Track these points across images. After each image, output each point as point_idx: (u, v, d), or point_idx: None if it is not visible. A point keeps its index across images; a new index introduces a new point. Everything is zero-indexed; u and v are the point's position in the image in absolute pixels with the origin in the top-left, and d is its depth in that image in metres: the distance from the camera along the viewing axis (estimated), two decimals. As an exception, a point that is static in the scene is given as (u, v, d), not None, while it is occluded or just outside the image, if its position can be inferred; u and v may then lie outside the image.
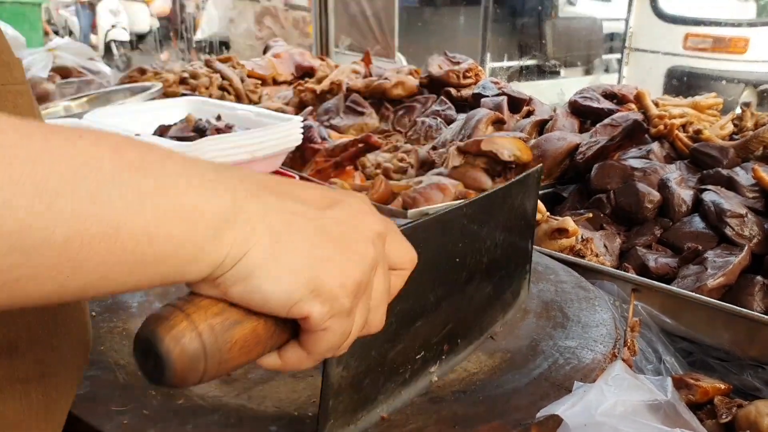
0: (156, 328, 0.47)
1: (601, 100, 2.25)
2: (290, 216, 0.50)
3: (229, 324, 0.49)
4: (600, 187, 1.80)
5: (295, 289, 0.49)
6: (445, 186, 1.77)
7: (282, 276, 0.49)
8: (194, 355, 0.47)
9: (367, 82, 2.77)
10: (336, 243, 0.52)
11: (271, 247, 0.48)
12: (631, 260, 1.63)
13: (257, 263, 0.48)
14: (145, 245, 0.44)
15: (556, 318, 1.13)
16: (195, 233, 0.46)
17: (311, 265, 0.50)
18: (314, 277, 0.50)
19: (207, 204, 0.46)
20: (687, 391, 1.17)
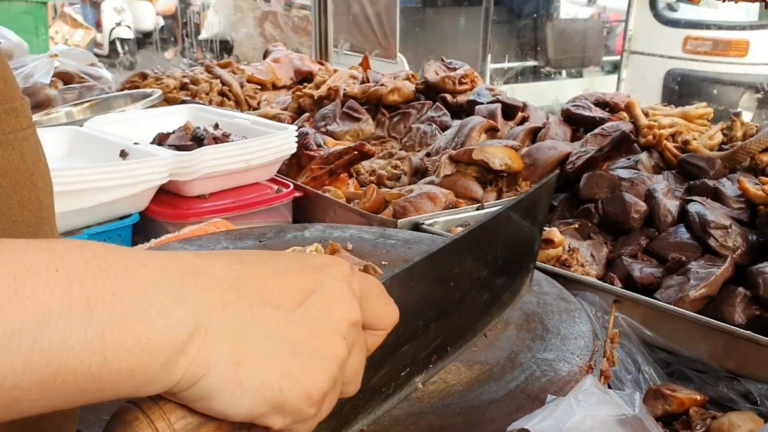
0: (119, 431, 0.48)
1: (593, 108, 2.29)
2: (255, 328, 0.49)
3: (193, 426, 0.50)
4: (588, 197, 1.83)
5: (256, 407, 0.49)
6: (436, 195, 1.81)
7: (243, 397, 0.48)
8: None
9: (363, 88, 2.80)
10: (303, 352, 0.51)
11: (232, 368, 0.47)
12: (616, 269, 1.66)
13: (216, 386, 0.47)
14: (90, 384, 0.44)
15: (536, 330, 1.17)
16: (150, 364, 0.45)
17: (272, 382, 0.49)
18: (277, 395, 0.49)
19: (167, 334, 0.45)
20: (663, 402, 1.21)
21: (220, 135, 1.92)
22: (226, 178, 1.83)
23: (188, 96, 2.80)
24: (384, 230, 1.60)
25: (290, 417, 0.50)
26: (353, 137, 2.63)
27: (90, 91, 2.69)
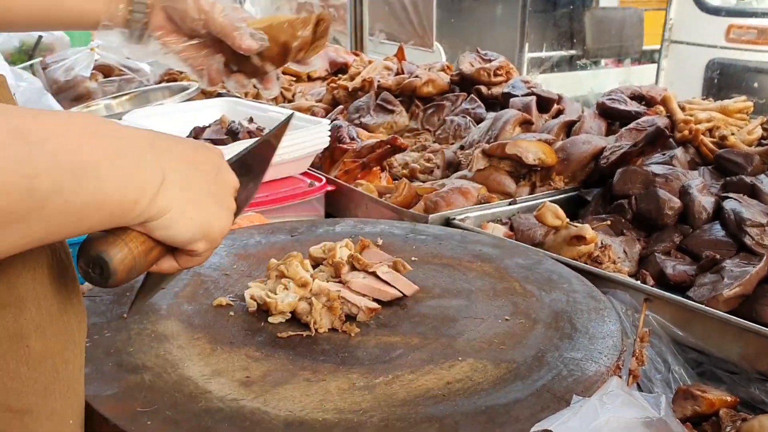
0: (107, 249, 0.70)
1: (629, 102, 2.26)
2: (194, 184, 0.72)
3: (148, 249, 0.73)
4: (622, 193, 1.82)
5: (195, 235, 0.73)
6: (467, 190, 1.81)
7: (188, 227, 0.72)
8: (129, 270, 0.72)
9: (398, 80, 2.81)
10: (219, 201, 0.77)
11: (184, 208, 0.70)
12: (649, 267, 1.65)
13: (174, 219, 0.70)
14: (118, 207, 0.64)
15: (564, 329, 1.17)
16: (144, 199, 0.66)
17: (206, 219, 0.74)
18: (206, 228, 0.74)
19: (150, 181, 0.66)
20: (693, 402, 1.20)
21: (254, 129, 1.94)
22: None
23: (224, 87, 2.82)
24: (414, 225, 1.61)
25: (209, 244, 0.76)
26: (387, 129, 2.64)
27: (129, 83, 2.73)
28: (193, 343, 1.11)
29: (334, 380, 1.02)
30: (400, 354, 1.09)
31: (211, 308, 1.22)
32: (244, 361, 1.06)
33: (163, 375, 1.01)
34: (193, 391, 0.98)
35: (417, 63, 3.23)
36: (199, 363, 1.05)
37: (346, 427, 0.90)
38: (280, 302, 1.14)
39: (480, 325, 1.18)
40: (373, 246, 1.37)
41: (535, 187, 1.97)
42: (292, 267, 1.18)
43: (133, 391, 0.97)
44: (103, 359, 1.05)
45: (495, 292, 1.30)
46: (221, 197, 0.77)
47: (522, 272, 1.38)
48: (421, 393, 0.98)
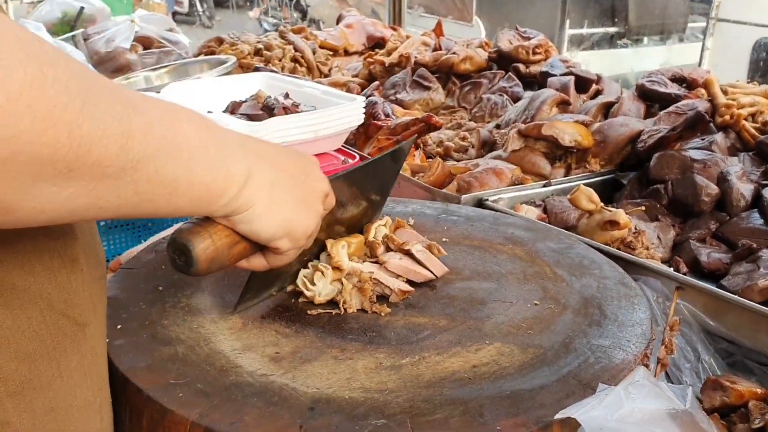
0: (191, 238, 0.76)
1: (669, 84, 2.22)
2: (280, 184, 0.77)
3: (231, 243, 0.79)
4: (658, 177, 1.80)
5: (277, 232, 0.79)
6: (502, 170, 1.80)
7: (271, 224, 0.78)
8: (211, 260, 0.77)
9: (435, 56, 2.79)
10: (303, 204, 0.82)
11: (268, 205, 0.76)
12: (683, 253, 1.64)
13: (257, 214, 0.75)
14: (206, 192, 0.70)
15: (593, 315, 1.16)
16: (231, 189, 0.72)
17: (289, 218, 0.79)
18: (289, 226, 0.80)
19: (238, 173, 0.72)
20: (722, 393, 1.20)
21: (290, 105, 1.95)
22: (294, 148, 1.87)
23: (262, 62, 2.84)
24: (447, 206, 1.61)
25: (292, 243, 0.83)
26: (422, 106, 2.63)
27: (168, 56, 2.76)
28: (225, 318, 1.13)
29: (362, 359, 1.03)
30: (428, 335, 1.10)
31: (244, 284, 1.24)
32: (274, 337, 1.08)
33: (196, 348, 1.04)
34: (224, 365, 1.00)
35: (456, 38, 3.20)
36: (231, 337, 1.07)
37: (371, 406, 0.91)
38: (318, 296, 1.16)
39: (509, 309, 1.19)
40: (407, 226, 1.38)
41: (570, 169, 1.96)
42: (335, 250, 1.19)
43: (166, 363, 0.99)
44: (138, 331, 1.07)
45: (525, 276, 1.30)
46: (307, 200, 0.83)
47: (553, 256, 1.38)
48: (446, 375, 0.99)
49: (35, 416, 0.71)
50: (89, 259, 0.79)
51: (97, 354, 0.82)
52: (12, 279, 0.68)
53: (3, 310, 0.67)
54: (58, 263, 0.73)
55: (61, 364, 0.74)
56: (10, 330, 0.68)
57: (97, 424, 0.82)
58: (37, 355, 0.71)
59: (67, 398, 0.75)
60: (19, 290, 0.69)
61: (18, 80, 0.47)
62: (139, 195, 0.62)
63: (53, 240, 0.73)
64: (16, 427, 0.69)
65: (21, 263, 0.69)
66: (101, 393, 0.84)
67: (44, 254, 0.72)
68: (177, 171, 0.64)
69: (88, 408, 0.79)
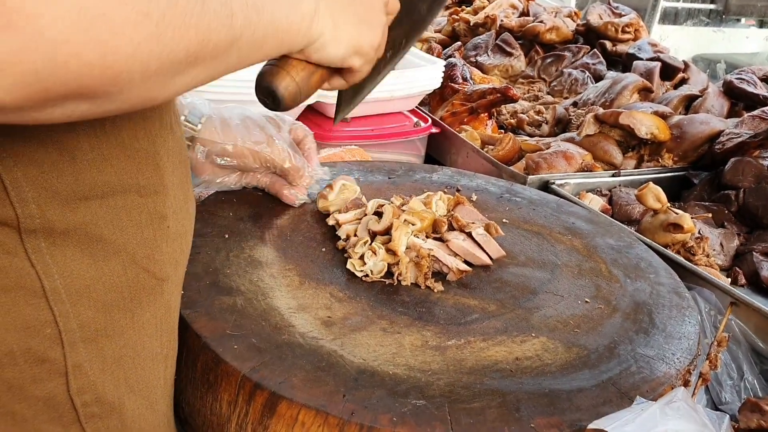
0: (273, 79, 0.81)
1: (759, 84, 2.15)
2: (339, 6, 0.80)
3: (309, 73, 0.84)
4: (731, 183, 1.76)
5: (346, 53, 0.83)
6: (572, 155, 1.79)
7: (340, 45, 0.82)
8: (295, 94, 0.83)
9: (521, 22, 2.74)
10: (367, 19, 0.85)
11: (334, 30, 0.80)
12: (744, 265, 1.61)
13: (327, 40, 0.79)
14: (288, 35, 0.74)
15: (642, 322, 1.17)
16: (305, 25, 0.76)
17: (355, 37, 0.83)
18: (357, 44, 0.84)
19: (307, 9, 0.75)
20: (760, 416, 1.19)
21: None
22: (369, 105, 1.88)
23: None
24: (511, 185, 1.62)
25: (363, 58, 0.86)
26: (501, 72, 2.60)
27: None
28: (284, 274, 1.17)
29: (409, 335, 1.06)
30: (476, 318, 1.13)
31: (305, 240, 1.28)
32: (328, 300, 1.12)
33: (254, 302, 1.08)
34: (279, 322, 1.04)
35: (546, 3, 3.13)
36: (287, 295, 1.11)
37: (413, 385, 0.95)
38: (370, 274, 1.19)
39: (559, 303, 1.20)
40: (468, 203, 1.39)
41: (642, 160, 1.93)
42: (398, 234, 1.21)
43: (224, 313, 1.04)
44: (201, 277, 1.12)
45: (580, 271, 1.31)
46: (369, 15, 0.86)
47: (611, 254, 1.38)
48: (489, 364, 1.02)
49: (105, 362, 0.76)
50: (177, 215, 0.84)
51: (170, 308, 0.87)
52: (100, 231, 0.73)
53: (88, 260, 0.73)
54: (146, 219, 0.78)
55: (136, 315, 0.79)
56: (92, 280, 0.73)
57: (161, 373, 0.87)
58: (114, 305, 0.76)
59: (136, 348, 0.80)
60: (105, 243, 0.74)
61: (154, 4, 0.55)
62: (241, 57, 0.68)
63: (143, 197, 0.77)
64: (86, 371, 0.75)
65: (111, 217, 0.74)
66: (169, 344, 0.89)
67: (133, 210, 0.76)
68: (266, 27, 0.69)
69: (154, 358, 0.84)
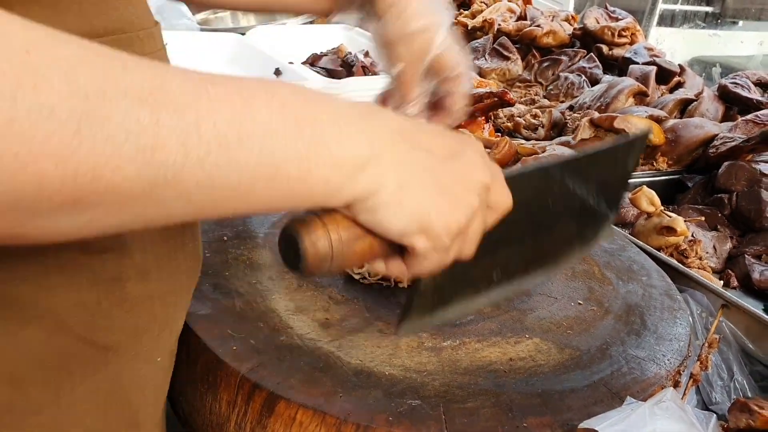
0: (300, 229, 0.61)
1: (753, 88, 2.17)
2: (415, 165, 0.61)
3: (353, 237, 0.62)
4: (724, 187, 1.78)
5: (408, 226, 0.61)
6: (567, 159, 1.81)
7: (400, 215, 0.60)
8: (324, 256, 0.61)
9: (518, 26, 2.77)
10: (448, 192, 0.63)
11: (396, 191, 0.59)
12: (736, 267, 1.64)
13: (382, 202, 0.59)
14: (299, 184, 0.55)
15: (633, 324, 1.19)
16: (339, 176, 0.56)
17: (425, 208, 0.61)
18: (425, 219, 0.61)
19: (351, 154, 0.57)
20: (748, 416, 1.22)
21: (368, 64, 1.98)
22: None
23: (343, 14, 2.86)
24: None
25: (431, 241, 0.63)
26: (499, 76, 2.63)
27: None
28: (282, 276, 1.19)
29: (405, 336, 1.09)
30: (471, 320, 1.15)
31: (304, 243, 1.31)
32: (326, 302, 1.14)
33: (252, 304, 1.11)
34: (277, 324, 1.07)
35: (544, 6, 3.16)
36: (285, 297, 1.14)
37: (409, 386, 0.97)
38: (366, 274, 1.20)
39: (552, 305, 1.23)
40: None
41: (637, 164, 1.95)
42: None
43: (224, 315, 1.07)
44: (201, 279, 1.14)
45: (573, 273, 1.33)
46: (454, 188, 0.63)
47: (604, 257, 1.40)
48: (483, 365, 1.04)
49: None
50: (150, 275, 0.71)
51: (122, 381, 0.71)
52: (16, 292, 0.60)
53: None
54: (89, 281, 0.65)
55: (62, 391, 0.65)
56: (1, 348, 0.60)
57: None
58: (29, 379, 0.62)
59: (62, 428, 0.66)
60: (23, 305, 0.61)
61: None
62: (194, 203, 0.50)
63: (87, 254, 0.64)
64: None
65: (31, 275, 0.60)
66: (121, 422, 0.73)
67: (71, 269, 0.63)
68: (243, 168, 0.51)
69: None
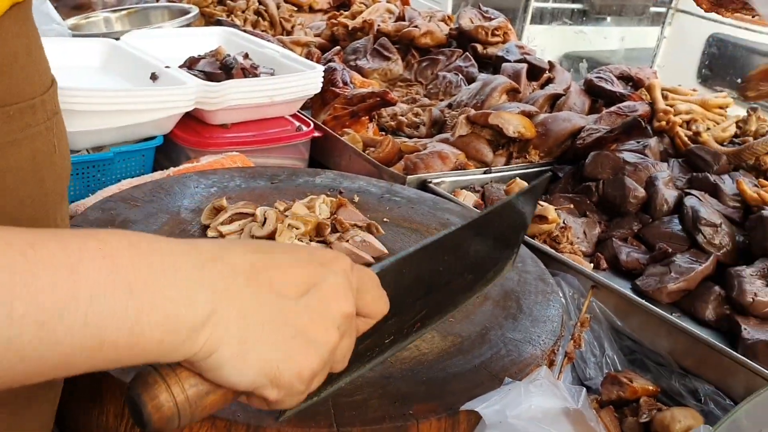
0: (143, 393, 0.58)
1: (615, 82, 2.32)
2: (261, 313, 0.58)
3: (202, 393, 0.60)
4: (591, 175, 1.90)
5: (256, 381, 0.58)
6: (447, 155, 1.88)
7: (246, 371, 0.57)
8: (170, 418, 0.59)
9: (397, 27, 2.83)
10: (299, 336, 0.59)
11: (239, 347, 0.56)
12: (605, 250, 1.75)
13: (224, 360, 0.56)
14: (128, 351, 0.52)
15: (510, 308, 1.26)
16: (175, 338, 0.54)
17: (271, 362, 0.58)
18: (272, 372, 0.58)
19: (186, 316, 0.54)
20: (619, 388, 1.32)
21: (248, 66, 1.98)
22: (249, 110, 1.91)
23: (225, 11, 2.84)
24: (391, 186, 1.69)
25: (284, 391, 0.60)
26: (381, 76, 2.68)
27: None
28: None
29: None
30: (358, 315, 1.19)
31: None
32: (214, 307, 1.15)
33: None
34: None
35: (422, 7, 3.24)
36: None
37: (298, 382, 0.99)
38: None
39: (435, 296, 1.28)
40: (350, 205, 1.45)
41: (511, 157, 2.05)
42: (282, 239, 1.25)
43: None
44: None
45: (455, 264, 1.39)
46: (307, 330, 0.60)
47: (483, 247, 1.47)
48: (370, 357, 1.08)
49: None
50: None
51: None
52: None
53: None
54: None
55: None
56: None
57: None
58: None
59: None
60: None
61: None
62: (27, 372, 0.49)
63: None
64: None
65: None
66: None
67: None
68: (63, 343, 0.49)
69: None
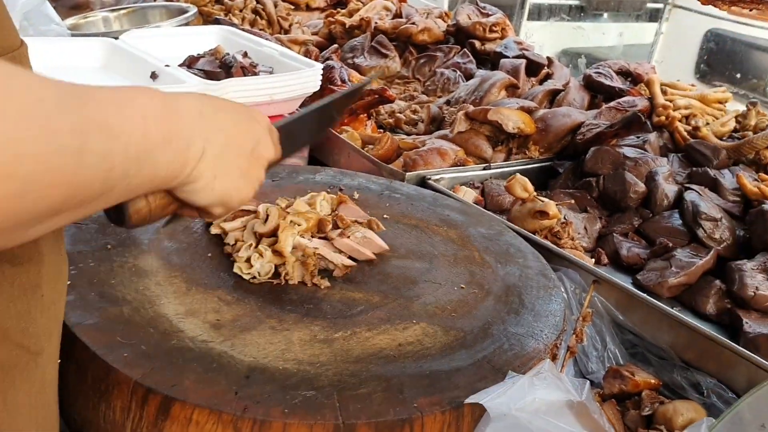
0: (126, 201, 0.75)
1: (615, 77, 2.32)
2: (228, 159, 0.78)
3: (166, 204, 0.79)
4: (592, 171, 1.90)
5: (213, 203, 0.79)
6: (446, 151, 1.88)
7: (210, 196, 0.78)
8: (144, 217, 0.78)
9: (394, 24, 2.83)
10: (246, 176, 0.82)
11: (211, 180, 0.76)
12: (606, 245, 1.75)
13: (200, 188, 0.76)
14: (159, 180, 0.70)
15: (512, 303, 1.27)
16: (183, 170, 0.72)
17: (228, 192, 0.79)
18: (226, 198, 0.80)
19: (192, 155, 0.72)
20: (621, 382, 1.32)
21: (247, 64, 1.98)
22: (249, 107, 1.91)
23: (222, 10, 2.84)
24: (390, 182, 1.69)
25: (226, 210, 0.83)
26: (378, 74, 2.68)
27: (128, -4, 2.73)
28: (170, 281, 1.19)
29: (297, 331, 1.11)
30: (361, 310, 1.19)
31: (190, 247, 1.31)
32: (216, 304, 1.15)
33: (141, 310, 1.10)
34: (168, 328, 1.06)
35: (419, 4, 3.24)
36: (175, 302, 1.14)
37: (303, 378, 1.00)
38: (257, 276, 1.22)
39: (437, 290, 1.28)
40: (350, 201, 1.45)
41: (511, 153, 2.05)
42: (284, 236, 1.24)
43: (112, 323, 1.05)
44: (86, 288, 1.13)
45: (455, 259, 1.39)
46: (250, 171, 0.83)
47: (483, 242, 1.47)
48: (374, 352, 1.08)
49: None
50: (51, 281, 0.79)
51: (45, 383, 0.81)
52: None
53: None
54: (18, 291, 0.73)
55: (8, 397, 0.73)
56: None
57: None
58: None
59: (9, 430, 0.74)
60: None
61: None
62: (108, 202, 0.65)
63: (15, 267, 0.72)
64: None
65: None
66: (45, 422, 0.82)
67: (4, 282, 0.71)
68: (143, 178, 0.66)
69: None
